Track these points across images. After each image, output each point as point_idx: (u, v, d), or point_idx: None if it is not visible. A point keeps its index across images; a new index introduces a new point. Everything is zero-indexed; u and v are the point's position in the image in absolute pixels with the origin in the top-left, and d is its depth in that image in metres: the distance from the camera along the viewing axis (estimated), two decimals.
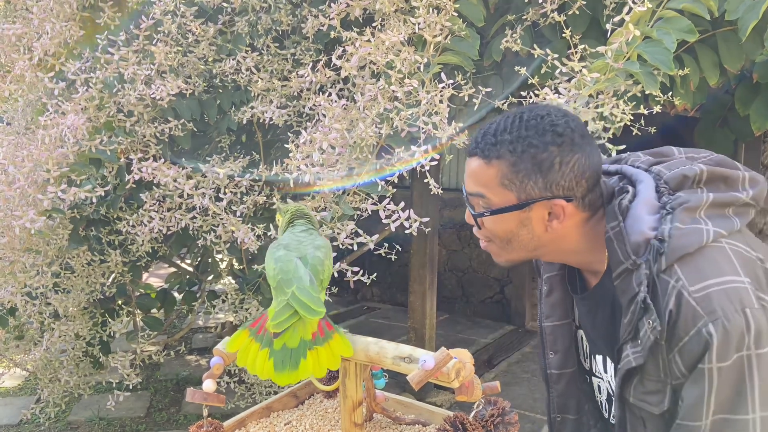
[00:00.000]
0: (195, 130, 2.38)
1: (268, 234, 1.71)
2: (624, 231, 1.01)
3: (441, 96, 1.51)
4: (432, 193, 1.57)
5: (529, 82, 1.51)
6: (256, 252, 1.85)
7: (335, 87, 1.93)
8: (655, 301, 0.97)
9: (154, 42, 2.21)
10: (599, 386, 1.23)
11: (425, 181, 1.48)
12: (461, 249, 6.17)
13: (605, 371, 1.19)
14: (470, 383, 1.00)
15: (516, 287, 5.76)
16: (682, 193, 1.03)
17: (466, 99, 1.74)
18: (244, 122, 2.24)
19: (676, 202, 1.01)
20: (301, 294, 1.01)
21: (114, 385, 2.71)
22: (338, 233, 1.57)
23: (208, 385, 1.02)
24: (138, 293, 3.35)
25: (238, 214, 1.93)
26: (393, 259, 1.91)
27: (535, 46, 1.54)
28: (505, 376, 4.63)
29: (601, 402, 1.25)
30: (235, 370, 2.53)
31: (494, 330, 5.58)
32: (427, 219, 1.51)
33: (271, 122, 2.10)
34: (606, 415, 1.24)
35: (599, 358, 1.20)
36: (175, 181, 1.89)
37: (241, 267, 2.60)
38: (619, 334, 1.07)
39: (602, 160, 1.08)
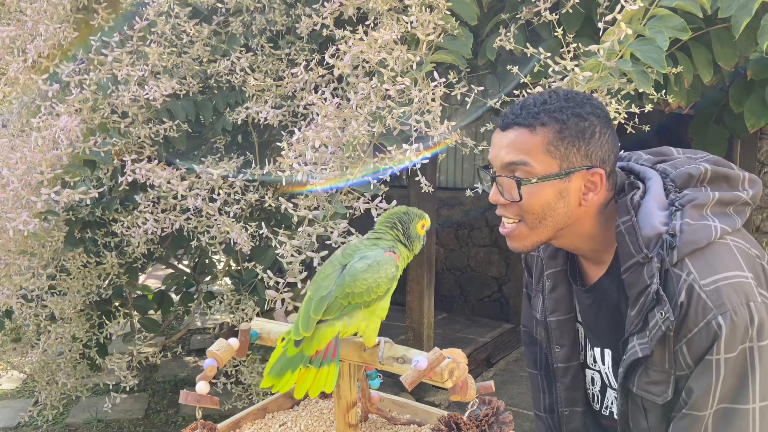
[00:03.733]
0: (190, 131, 2.38)
1: (260, 233, 1.71)
2: (636, 225, 1.05)
3: (433, 94, 1.51)
4: (423, 191, 1.57)
5: (521, 81, 1.51)
6: (248, 252, 1.85)
7: (329, 86, 1.93)
8: (667, 293, 1.01)
9: (147, 43, 2.21)
10: (593, 378, 1.27)
11: (416, 179, 1.48)
12: (459, 248, 6.17)
13: (603, 363, 1.22)
14: (464, 383, 1.00)
15: (514, 286, 5.76)
16: (689, 190, 1.07)
17: (460, 98, 1.74)
18: (239, 123, 2.24)
19: (685, 199, 1.05)
20: (305, 308, 0.97)
21: (111, 387, 2.71)
22: (331, 232, 1.57)
23: (202, 386, 1.01)
24: (135, 295, 3.35)
25: (231, 214, 1.93)
26: None
27: (528, 44, 1.54)
28: (503, 374, 4.64)
29: (593, 393, 1.28)
30: (231, 372, 2.52)
31: (493, 329, 5.58)
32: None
33: (266, 122, 2.10)
34: (597, 406, 1.28)
35: (597, 350, 1.23)
36: (168, 182, 1.89)
37: (238, 268, 2.59)
38: (624, 326, 1.10)
39: None
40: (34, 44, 2.34)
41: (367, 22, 1.75)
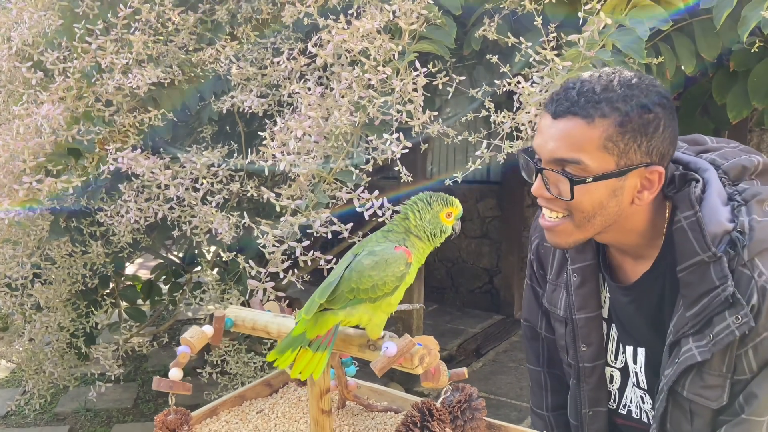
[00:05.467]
0: (175, 120, 2.37)
1: (243, 222, 1.71)
2: (702, 221, 0.97)
3: (415, 84, 1.50)
4: (403, 181, 1.57)
5: (501, 70, 1.51)
6: (230, 242, 1.85)
7: (314, 75, 1.92)
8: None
9: (132, 31, 2.19)
10: (611, 376, 1.22)
11: (396, 168, 1.48)
12: (450, 239, 6.17)
13: (635, 362, 1.17)
14: (436, 369, 1.01)
15: (505, 277, 5.78)
16: (745, 184, 1.01)
17: (448, 89, 1.73)
18: (224, 111, 2.23)
19: (748, 194, 0.99)
20: (313, 294, 0.96)
21: (96, 376, 2.71)
22: (313, 221, 1.57)
23: (175, 373, 1.02)
24: (124, 285, 3.35)
25: (213, 204, 1.92)
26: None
27: (509, 34, 1.54)
28: (493, 365, 4.66)
29: (609, 391, 1.23)
30: (217, 361, 2.53)
31: (483, 320, 5.61)
32: (399, 207, 1.51)
33: (251, 112, 2.09)
34: (613, 405, 1.23)
35: (629, 348, 1.17)
36: (151, 171, 1.88)
37: (226, 259, 2.59)
38: (665, 327, 1.05)
39: None
40: (18, 32, 2.32)
41: (350, 11, 1.74)
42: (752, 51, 1.72)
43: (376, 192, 1.54)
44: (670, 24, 1.51)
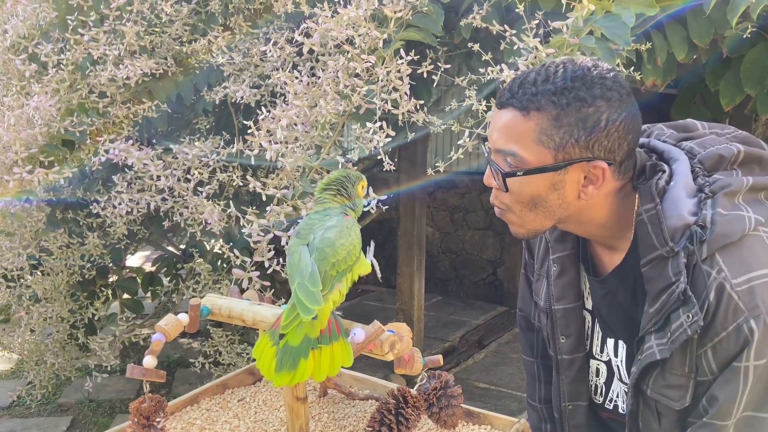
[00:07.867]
0: (169, 111, 2.37)
1: (228, 212, 1.71)
2: (661, 214, 0.94)
3: (399, 72, 1.49)
4: (386, 169, 1.56)
5: (483, 58, 1.50)
6: (221, 232, 1.86)
7: (306, 66, 1.92)
8: (694, 293, 0.91)
9: (124, 22, 2.19)
10: (597, 369, 1.19)
11: (378, 157, 1.47)
12: (454, 231, 6.17)
13: (616, 355, 1.14)
14: (410, 356, 1.01)
15: (508, 269, 5.77)
16: (720, 175, 0.97)
17: (447, 80, 1.72)
18: (217, 102, 2.23)
19: (717, 185, 0.94)
20: (300, 290, 0.92)
21: (93, 366, 2.73)
22: (300, 210, 1.57)
23: (148, 360, 1.02)
24: (125, 276, 3.37)
25: (204, 194, 1.93)
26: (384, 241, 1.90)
27: (494, 22, 1.53)
28: (495, 356, 4.66)
29: (596, 385, 1.21)
30: (210, 352, 2.54)
31: (486, 311, 5.61)
32: (384, 197, 1.50)
33: (244, 103, 2.09)
34: (599, 399, 1.20)
35: (611, 341, 1.14)
36: (144, 163, 1.89)
37: (219, 249, 2.60)
38: (639, 321, 1.02)
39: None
40: (13, 24, 2.33)
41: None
42: (744, 36, 1.70)
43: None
44: (657, 9, 1.49)
